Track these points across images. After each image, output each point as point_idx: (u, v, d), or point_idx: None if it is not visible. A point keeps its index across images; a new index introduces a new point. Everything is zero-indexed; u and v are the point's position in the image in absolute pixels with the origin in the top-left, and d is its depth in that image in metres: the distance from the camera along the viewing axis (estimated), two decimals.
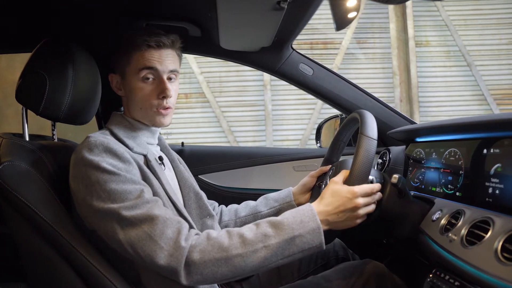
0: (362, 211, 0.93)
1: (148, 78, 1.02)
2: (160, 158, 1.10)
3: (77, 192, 0.90)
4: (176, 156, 1.22)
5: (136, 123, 1.08)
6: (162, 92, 1.02)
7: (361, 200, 0.92)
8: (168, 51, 1.05)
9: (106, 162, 0.88)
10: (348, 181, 0.95)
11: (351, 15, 1.26)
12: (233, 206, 1.33)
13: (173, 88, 1.06)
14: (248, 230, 0.87)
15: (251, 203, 1.31)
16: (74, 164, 0.92)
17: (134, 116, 1.07)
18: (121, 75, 1.07)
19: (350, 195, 0.92)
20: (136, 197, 0.86)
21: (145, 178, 0.95)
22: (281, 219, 0.88)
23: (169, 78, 1.06)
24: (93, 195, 0.86)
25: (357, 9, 1.22)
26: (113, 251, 0.93)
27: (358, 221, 0.94)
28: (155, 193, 0.95)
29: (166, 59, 1.04)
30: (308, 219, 0.88)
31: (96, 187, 0.86)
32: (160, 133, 1.19)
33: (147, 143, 1.09)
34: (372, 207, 0.96)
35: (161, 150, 1.18)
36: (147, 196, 0.88)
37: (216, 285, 1.02)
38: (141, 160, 1.00)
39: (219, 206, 1.35)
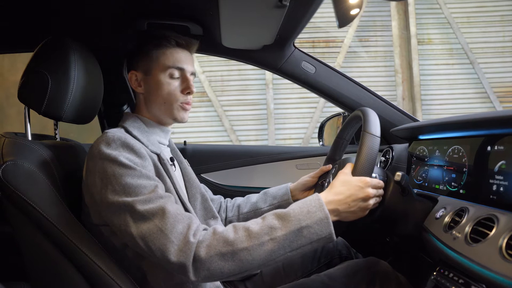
0: (372, 201, 0.93)
1: (173, 75, 1.08)
2: (172, 159, 1.13)
3: (92, 186, 0.91)
4: (183, 158, 1.23)
5: (150, 122, 1.10)
6: (187, 88, 1.08)
7: (372, 190, 0.92)
8: (191, 55, 1.13)
9: (123, 156, 0.89)
10: None
11: (353, 12, 1.26)
12: (237, 201, 1.34)
13: None
14: (254, 224, 0.86)
15: (252, 198, 1.32)
16: (91, 158, 0.92)
17: (153, 112, 1.10)
18: (145, 71, 1.09)
19: (362, 184, 0.91)
20: (150, 192, 0.87)
21: (158, 175, 0.97)
22: (288, 211, 0.87)
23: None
24: (108, 188, 0.87)
25: (359, 5, 1.21)
26: (118, 251, 0.93)
27: (366, 212, 0.93)
28: (167, 191, 0.96)
29: (191, 61, 1.12)
30: (315, 209, 0.86)
31: (112, 180, 0.87)
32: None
33: (159, 143, 1.10)
34: (377, 201, 0.96)
35: (170, 151, 1.19)
36: (161, 192, 0.89)
37: (219, 283, 1.02)
38: (155, 158, 1.02)
39: (225, 199, 1.37)
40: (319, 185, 1.30)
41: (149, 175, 0.91)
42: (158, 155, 1.03)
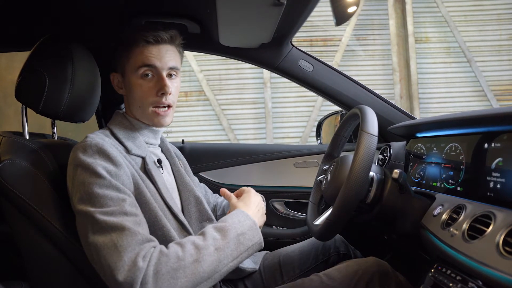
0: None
1: (147, 75, 1.02)
2: (159, 161, 1.09)
3: (68, 190, 0.90)
4: (178, 160, 1.20)
5: (137, 123, 1.08)
6: (161, 89, 1.02)
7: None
8: (167, 46, 1.05)
9: (97, 163, 0.88)
10: (349, 178, 0.95)
11: (350, 9, 1.26)
12: (222, 201, 1.34)
13: (173, 85, 1.05)
14: (197, 238, 0.87)
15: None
16: (69, 162, 0.92)
17: (135, 115, 1.07)
18: (122, 73, 1.07)
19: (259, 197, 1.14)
20: (115, 205, 0.84)
21: (138, 182, 0.95)
22: (223, 223, 0.92)
23: (169, 75, 1.05)
24: (76, 195, 0.86)
25: (357, 3, 1.22)
26: None
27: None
28: (149, 198, 0.95)
29: (165, 55, 1.03)
30: (244, 218, 0.95)
31: (80, 187, 0.86)
32: (162, 135, 1.18)
33: (148, 143, 1.09)
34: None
35: (162, 151, 1.18)
36: (127, 208, 0.85)
37: (218, 283, 1.02)
38: (138, 163, 1.00)
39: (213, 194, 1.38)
40: (317, 182, 1.30)
41: (118, 186, 0.88)
42: (143, 159, 1.02)
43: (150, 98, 1.02)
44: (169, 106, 1.05)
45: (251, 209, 1.03)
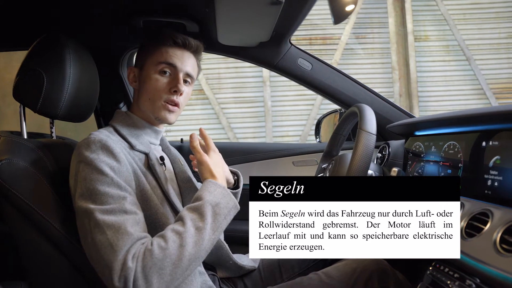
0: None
1: (165, 72, 1.06)
2: (162, 158, 1.10)
3: (71, 187, 0.91)
4: (177, 157, 1.22)
5: (140, 121, 1.09)
6: (174, 87, 1.06)
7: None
8: (191, 55, 1.11)
9: (100, 159, 0.88)
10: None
11: (348, 8, 1.26)
12: None
13: (185, 90, 1.09)
14: (176, 224, 0.86)
15: None
16: (72, 159, 0.92)
17: (142, 108, 1.09)
18: (140, 67, 1.10)
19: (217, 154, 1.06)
20: (115, 203, 0.85)
21: (140, 179, 0.96)
22: (196, 203, 0.90)
23: (185, 81, 1.09)
24: (77, 191, 0.87)
25: (354, 2, 1.21)
26: None
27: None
28: (150, 195, 0.95)
29: (187, 61, 1.09)
30: (213, 188, 0.93)
31: (82, 184, 0.86)
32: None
33: (150, 142, 1.10)
34: None
35: (162, 150, 1.19)
36: (127, 206, 0.86)
37: (211, 283, 1.02)
38: (141, 159, 1.01)
39: None
40: None
41: (120, 184, 0.88)
42: (147, 155, 1.03)
43: (163, 93, 1.06)
44: (177, 105, 1.08)
45: (218, 173, 0.99)
